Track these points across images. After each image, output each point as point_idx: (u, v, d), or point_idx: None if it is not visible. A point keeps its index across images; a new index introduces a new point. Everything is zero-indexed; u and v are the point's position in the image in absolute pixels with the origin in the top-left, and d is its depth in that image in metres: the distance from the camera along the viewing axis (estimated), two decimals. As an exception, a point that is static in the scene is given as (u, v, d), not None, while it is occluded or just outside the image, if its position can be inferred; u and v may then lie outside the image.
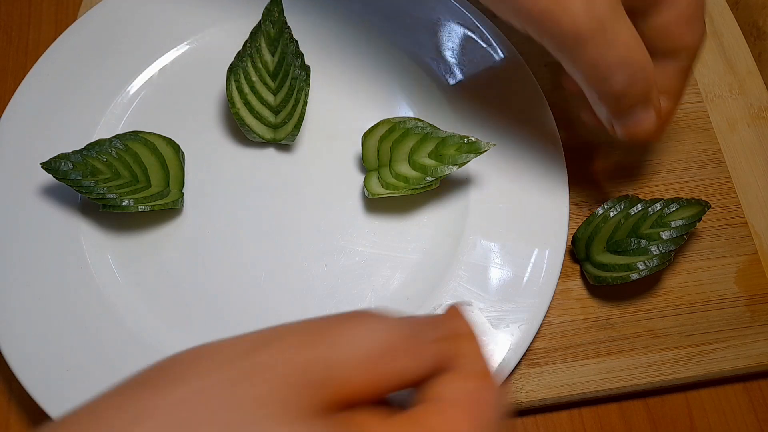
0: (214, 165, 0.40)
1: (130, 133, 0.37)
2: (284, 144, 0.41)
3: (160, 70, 0.42)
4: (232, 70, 0.39)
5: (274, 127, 0.39)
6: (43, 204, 0.38)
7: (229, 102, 0.38)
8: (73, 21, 0.43)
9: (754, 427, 0.38)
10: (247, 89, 0.39)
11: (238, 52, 0.39)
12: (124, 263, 0.38)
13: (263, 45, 0.39)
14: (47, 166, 0.35)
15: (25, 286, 0.36)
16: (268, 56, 0.39)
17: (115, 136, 0.37)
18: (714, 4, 0.48)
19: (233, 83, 0.38)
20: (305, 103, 0.38)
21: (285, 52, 0.39)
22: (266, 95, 0.39)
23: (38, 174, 0.38)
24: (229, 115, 0.41)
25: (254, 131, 0.39)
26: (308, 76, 0.39)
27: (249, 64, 0.39)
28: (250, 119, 0.39)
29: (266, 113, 0.39)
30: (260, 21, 0.39)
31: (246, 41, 0.39)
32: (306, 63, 0.39)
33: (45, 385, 0.34)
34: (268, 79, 0.39)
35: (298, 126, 0.38)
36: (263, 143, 0.41)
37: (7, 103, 0.40)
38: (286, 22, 0.39)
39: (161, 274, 0.37)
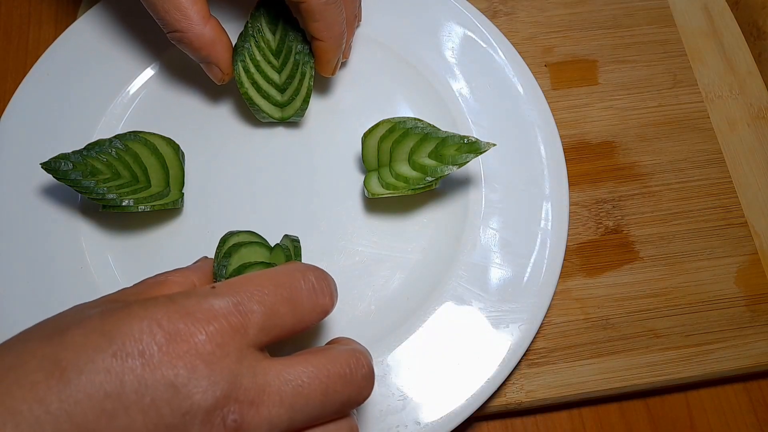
0: (214, 165, 0.40)
1: (130, 133, 0.37)
2: (285, 144, 0.41)
3: (160, 70, 0.42)
4: (237, 51, 0.39)
5: (282, 106, 0.40)
6: (43, 204, 0.38)
7: (237, 83, 0.38)
8: (73, 21, 0.43)
9: (754, 427, 0.38)
10: (253, 69, 0.39)
11: (241, 33, 0.39)
12: (124, 263, 0.38)
13: (264, 24, 0.39)
14: (47, 166, 0.35)
15: (25, 285, 0.36)
16: (269, 35, 0.39)
17: (115, 136, 0.37)
18: (714, 4, 0.48)
19: (239, 64, 0.39)
20: (312, 77, 0.39)
21: (286, 29, 0.39)
22: (272, 74, 0.39)
23: (38, 174, 0.38)
24: (228, 115, 0.41)
25: (263, 111, 0.39)
26: (312, 49, 0.39)
27: (252, 44, 0.39)
28: (258, 98, 0.39)
29: (273, 92, 0.39)
30: (259, 2, 0.39)
31: (247, 22, 0.39)
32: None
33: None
34: (272, 58, 0.39)
35: (306, 100, 0.39)
36: (263, 142, 0.41)
37: (7, 103, 0.40)
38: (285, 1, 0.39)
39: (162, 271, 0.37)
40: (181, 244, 0.38)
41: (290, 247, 0.34)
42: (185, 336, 0.23)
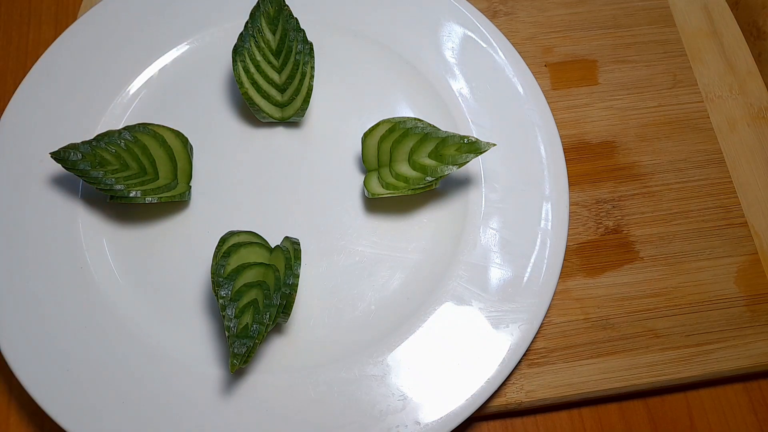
0: (213, 166, 0.40)
1: (139, 124, 0.37)
2: (285, 144, 0.41)
3: (160, 70, 0.42)
4: (237, 51, 0.39)
5: (282, 106, 0.40)
6: (42, 204, 0.38)
7: (238, 83, 0.38)
8: (73, 21, 0.43)
9: (754, 427, 0.38)
10: (253, 69, 0.39)
11: (241, 33, 0.39)
12: (124, 261, 0.38)
13: (264, 24, 0.39)
14: (57, 155, 0.35)
15: (25, 285, 0.36)
16: (269, 35, 0.39)
17: (124, 128, 0.37)
18: (714, 4, 0.48)
19: (239, 64, 0.39)
20: (312, 76, 0.39)
21: (286, 28, 0.39)
22: (272, 74, 0.39)
23: (38, 175, 0.38)
24: (228, 115, 0.41)
25: (264, 110, 0.39)
26: (312, 49, 0.39)
27: (252, 44, 0.39)
28: (258, 98, 0.39)
29: (273, 92, 0.39)
30: (258, 2, 0.39)
31: (247, 22, 0.39)
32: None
33: (45, 385, 0.34)
34: (272, 58, 0.39)
35: (306, 100, 0.39)
36: (263, 142, 0.41)
37: (7, 103, 0.40)
38: (284, 0, 0.39)
39: (162, 271, 0.37)
40: (179, 243, 0.38)
41: (290, 249, 0.34)
42: None
